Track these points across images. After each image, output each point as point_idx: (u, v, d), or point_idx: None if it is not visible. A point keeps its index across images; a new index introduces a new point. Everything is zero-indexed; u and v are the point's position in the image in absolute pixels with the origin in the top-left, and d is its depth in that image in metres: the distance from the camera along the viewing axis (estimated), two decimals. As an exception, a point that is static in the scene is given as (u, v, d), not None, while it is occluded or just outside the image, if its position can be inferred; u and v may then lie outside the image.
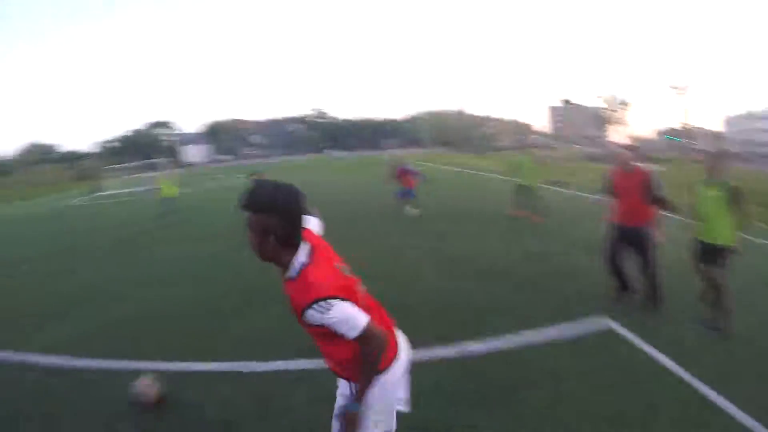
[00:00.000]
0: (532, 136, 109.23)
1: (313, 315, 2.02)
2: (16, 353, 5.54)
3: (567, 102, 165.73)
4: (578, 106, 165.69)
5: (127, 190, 35.24)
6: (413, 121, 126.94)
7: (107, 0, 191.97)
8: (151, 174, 40.71)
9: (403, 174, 13.50)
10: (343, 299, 2.05)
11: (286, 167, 46.76)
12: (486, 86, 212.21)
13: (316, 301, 2.00)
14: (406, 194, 13.47)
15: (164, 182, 18.22)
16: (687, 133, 37.67)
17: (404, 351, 2.50)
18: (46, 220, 21.40)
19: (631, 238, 5.55)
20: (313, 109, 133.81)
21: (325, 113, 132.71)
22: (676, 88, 33.68)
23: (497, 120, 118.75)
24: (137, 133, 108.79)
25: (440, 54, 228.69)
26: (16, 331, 6.40)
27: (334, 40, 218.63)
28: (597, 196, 9.97)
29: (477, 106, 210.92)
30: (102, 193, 37.28)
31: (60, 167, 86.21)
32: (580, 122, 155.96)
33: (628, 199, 5.50)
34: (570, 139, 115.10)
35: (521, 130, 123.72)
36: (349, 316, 2.06)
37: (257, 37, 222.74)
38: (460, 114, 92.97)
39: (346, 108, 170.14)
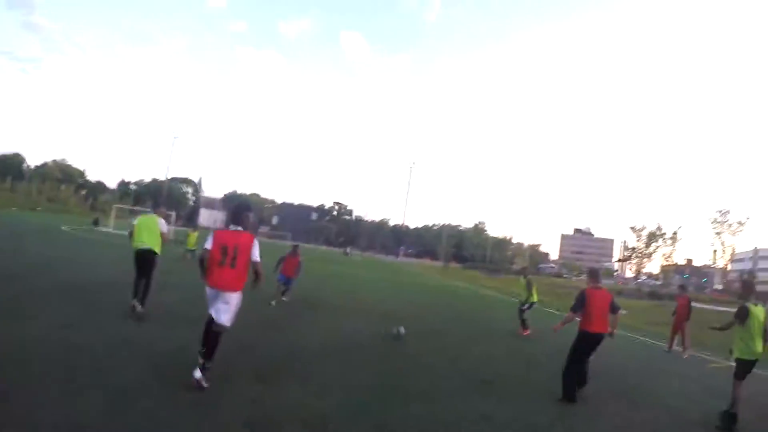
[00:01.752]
0: (546, 265, 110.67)
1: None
2: None
3: (579, 231, 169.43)
4: (591, 235, 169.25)
5: (118, 231, 35.50)
6: (430, 232, 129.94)
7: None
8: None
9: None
10: (212, 237, 5.19)
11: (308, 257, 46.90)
12: (505, 208, 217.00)
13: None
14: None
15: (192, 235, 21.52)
16: (699, 271, 39.90)
17: (212, 287, 5.09)
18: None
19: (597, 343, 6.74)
20: (335, 203, 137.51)
21: (346, 207, 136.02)
22: (720, 222, 35.97)
23: (516, 244, 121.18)
24: (156, 183, 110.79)
25: (464, 170, 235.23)
26: None
27: (360, 135, 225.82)
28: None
29: (495, 227, 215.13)
30: (98, 228, 39.63)
31: (79, 193, 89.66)
32: (593, 252, 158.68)
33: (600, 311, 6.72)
34: (581, 270, 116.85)
35: (537, 256, 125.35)
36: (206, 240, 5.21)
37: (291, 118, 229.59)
38: (478, 231, 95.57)
39: (365, 206, 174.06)
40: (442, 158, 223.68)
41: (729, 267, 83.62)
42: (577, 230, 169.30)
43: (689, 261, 49.49)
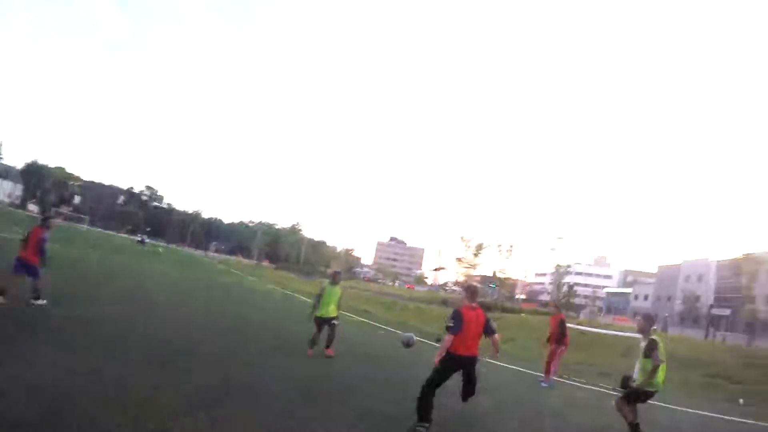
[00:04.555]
0: (361, 269, 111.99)
1: None
2: None
3: (394, 239, 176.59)
4: (404, 244, 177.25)
5: None
6: (245, 228, 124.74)
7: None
8: None
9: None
10: None
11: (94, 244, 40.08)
12: (321, 212, 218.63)
13: None
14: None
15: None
16: (503, 282, 41.63)
17: None
18: None
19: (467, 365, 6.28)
20: (147, 187, 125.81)
21: (157, 193, 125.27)
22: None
23: (331, 247, 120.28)
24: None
25: (285, 168, 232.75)
26: None
27: (182, 117, 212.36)
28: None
29: (311, 229, 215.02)
30: None
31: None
32: (405, 260, 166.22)
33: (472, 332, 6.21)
34: (395, 276, 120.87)
35: (352, 261, 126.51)
36: None
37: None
38: (293, 231, 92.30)
39: (178, 195, 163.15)
40: (262, 152, 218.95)
41: (530, 279, 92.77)
42: (392, 238, 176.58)
43: (495, 272, 51.74)
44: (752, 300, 31.66)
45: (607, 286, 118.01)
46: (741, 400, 11.85)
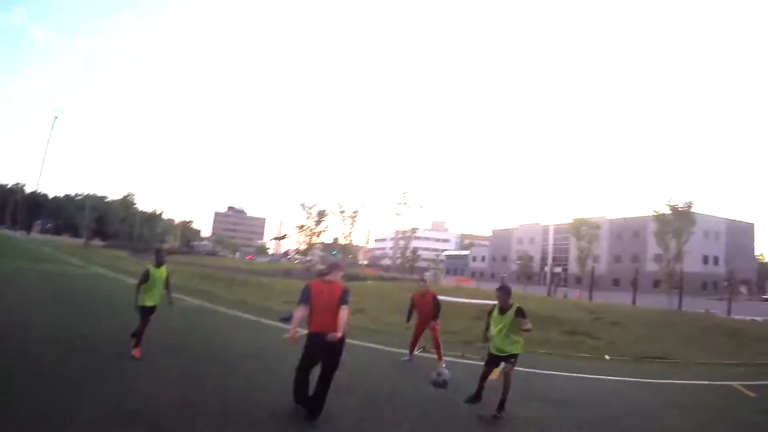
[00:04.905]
0: (200, 242, 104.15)
1: None
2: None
3: (232, 209, 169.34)
4: (243, 213, 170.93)
5: None
6: (72, 202, 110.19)
7: None
8: None
9: None
10: None
11: None
12: (156, 181, 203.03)
13: None
14: None
15: None
16: (346, 248, 40.08)
17: None
18: None
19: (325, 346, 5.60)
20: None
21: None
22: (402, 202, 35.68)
23: (167, 220, 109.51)
24: None
25: (112, 133, 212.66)
26: None
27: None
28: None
29: (145, 200, 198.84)
30: None
31: None
32: (245, 230, 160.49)
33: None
34: (235, 247, 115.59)
35: (190, 234, 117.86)
36: None
37: None
38: (126, 204, 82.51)
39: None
40: (87, 114, 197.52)
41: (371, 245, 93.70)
42: (230, 208, 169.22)
43: (336, 239, 49.77)
44: (585, 260, 34.01)
45: (446, 250, 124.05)
46: (607, 356, 11.98)
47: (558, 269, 75.39)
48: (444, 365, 8.66)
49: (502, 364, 6.55)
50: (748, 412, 7.61)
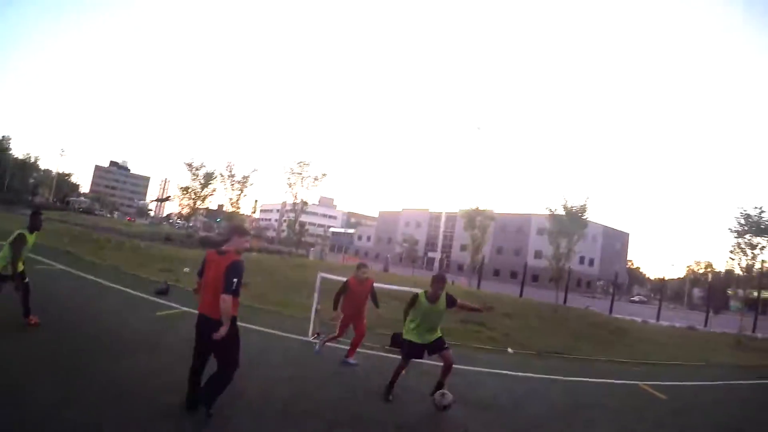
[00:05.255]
0: (77, 198, 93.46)
1: None
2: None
3: (115, 164, 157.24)
4: (127, 170, 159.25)
5: None
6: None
7: None
8: None
9: None
10: None
11: None
12: (34, 126, 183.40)
13: None
14: None
15: None
16: (232, 216, 36.92)
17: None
18: None
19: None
20: None
21: None
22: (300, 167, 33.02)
23: (44, 170, 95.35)
24: None
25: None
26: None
27: None
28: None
29: (22, 146, 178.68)
30: None
31: None
32: (127, 188, 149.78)
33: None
34: (114, 206, 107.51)
35: (67, 188, 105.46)
36: None
37: None
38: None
39: None
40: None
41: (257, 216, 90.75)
42: (113, 163, 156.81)
43: (222, 206, 46.15)
44: (477, 248, 34.61)
45: (332, 226, 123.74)
46: (510, 350, 11.79)
47: (441, 256, 77.46)
48: (354, 360, 7.93)
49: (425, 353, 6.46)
50: (666, 414, 7.56)
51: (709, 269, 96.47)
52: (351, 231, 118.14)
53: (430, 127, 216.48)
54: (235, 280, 4.54)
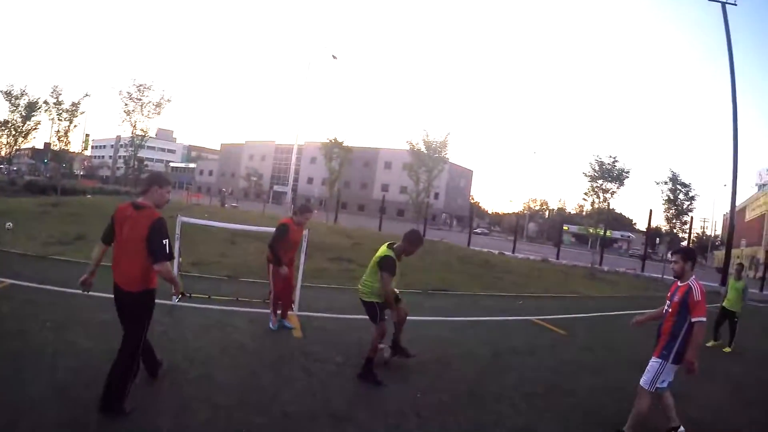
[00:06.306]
0: None
1: None
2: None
3: None
4: None
5: None
6: None
7: None
8: None
9: None
10: None
11: None
12: None
13: None
14: None
15: None
16: (60, 154, 30.35)
17: None
18: None
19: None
20: None
21: None
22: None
23: None
24: None
25: None
26: None
27: None
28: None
29: None
30: None
31: None
32: None
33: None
34: None
35: None
36: None
37: None
38: None
39: None
40: None
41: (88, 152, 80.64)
42: None
43: (48, 144, 36.40)
44: (334, 182, 33.59)
45: (171, 161, 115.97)
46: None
47: (292, 189, 75.86)
48: (288, 322, 6.76)
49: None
50: (576, 351, 7.35)
51: (544, 207, 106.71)
52: (192, 166, 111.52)
53: (278, 56, 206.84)
54: (165, 242, 3.71)
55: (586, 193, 22.83)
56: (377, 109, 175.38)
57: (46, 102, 27.67)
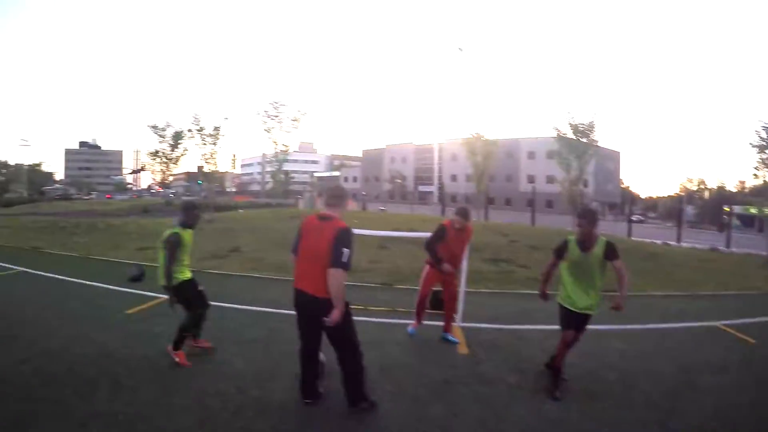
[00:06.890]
0: (52, 187, 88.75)
1: None
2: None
3: (85, 144, 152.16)
4: (98, 148, 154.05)
5: None
6: None
7: None
8: None
9: None
10: None
11: None
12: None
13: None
14: None
15: None
16: (211, 176, 33.85)
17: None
18: None
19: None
20: None
21: None
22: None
23: (13, 166, 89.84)
24: None
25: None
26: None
27: None
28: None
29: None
30: None
31: None
32: (101, 167, 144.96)
33: None
34: (91, 187, 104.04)
35: (41, 178, 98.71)
36: None
37: None
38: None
39: None
40: None
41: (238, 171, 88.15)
42: (82, 143, 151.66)
43: (200, 167, 40.27)
44: (481, 177, 33.21)
45: (315, 171, 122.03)
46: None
47: (440, 186, 76.22)
48: (452, 336, 6.62)
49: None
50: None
51: (702, 186, 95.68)
52: (336, 174, 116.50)
53: (408, 58, 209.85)
54: (345, 250, 3.98)
55: (756, 168, 20.09)
56: (511, 98, 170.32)
57: (189, 130, 31.13)
